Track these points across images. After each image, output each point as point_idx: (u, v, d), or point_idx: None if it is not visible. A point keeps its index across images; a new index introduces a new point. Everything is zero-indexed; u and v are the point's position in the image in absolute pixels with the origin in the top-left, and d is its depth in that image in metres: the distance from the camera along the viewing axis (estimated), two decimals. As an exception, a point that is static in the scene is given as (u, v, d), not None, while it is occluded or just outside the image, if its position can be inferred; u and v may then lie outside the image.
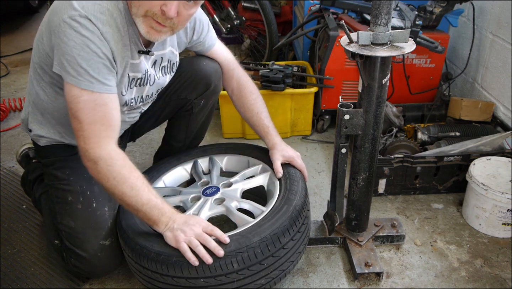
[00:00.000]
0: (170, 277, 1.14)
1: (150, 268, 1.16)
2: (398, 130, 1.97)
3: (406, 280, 1.40)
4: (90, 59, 1.07)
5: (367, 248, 1.45)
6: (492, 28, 1.99)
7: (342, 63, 2.07)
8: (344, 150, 1.32)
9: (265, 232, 1.17)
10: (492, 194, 1.48)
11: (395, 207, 1.72)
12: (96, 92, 1.09)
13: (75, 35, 1.04)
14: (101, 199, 1.33)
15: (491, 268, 1.43)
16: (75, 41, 1.04)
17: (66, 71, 1.07)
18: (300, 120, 2.19)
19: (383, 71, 1.17)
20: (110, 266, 1.38)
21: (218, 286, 1.14)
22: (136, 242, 1.21)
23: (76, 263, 1.33)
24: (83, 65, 1.06)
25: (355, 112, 1.25)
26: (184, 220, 1.16)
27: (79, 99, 1.09)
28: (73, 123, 1.12)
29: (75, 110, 1.10)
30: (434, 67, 2.12)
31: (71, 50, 1.05)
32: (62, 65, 1.07)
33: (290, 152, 1.49)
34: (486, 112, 1.93)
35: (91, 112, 1.10)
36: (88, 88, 1.08)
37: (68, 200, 1.31)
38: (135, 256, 1.20)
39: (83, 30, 1.05)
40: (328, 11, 2.15)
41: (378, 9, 1.08)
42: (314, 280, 1.40)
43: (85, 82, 1.08)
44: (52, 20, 1.08)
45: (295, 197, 1.31)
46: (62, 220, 1.32)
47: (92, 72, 1.08)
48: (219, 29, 2.88)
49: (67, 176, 1.33)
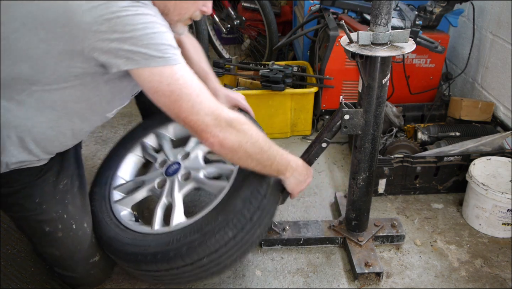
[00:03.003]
0: (175, 268, 1.13)
1: (151, 269, 1.15)
2: (398, 130, 1.97)
3: (406, 280, 1.40)
4: (165, 32, 0.97)
5: (367, 248, 1.45)
6: (492, 28, 1.99)
7: (342, 63, 2.07)
8: (324, 144, 1.30)
9: (246, 191, 1.16)
10: (492, 194, 1.48)
11: (395, 207, 1.72)
12: (183, 64, 1.00)
13: (139, 18, 0.92)
14: (78, 217, 1.24)
15: (491, 268, 1.43)
16: (143, 24, 0.92)
17: (147, 57, 0.94)
18: (300, 120, 2.19)
19: (383, 71, 1.17)
20: (105, 275, 1.39)
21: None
22: (128, 251, 1.17)
23: (70, 281, 1.34)
24: (164, 41, 0.96)
25: (355, 112, 1.25)
26: (304, 172, 1.22)
27: (177, 76, 0.97)
28: (182, 107, 0.99)
29: (178, 90, 0.97)
30: (434, 67, 2.12)
31: (144, 33, 0.92)
32: (137, 55, 0.93)
33: (233, 94, 1.47)
34: (486, 112, 1.93)
35: (194, 82, 1.00)
36: (178, 62, 0.98)
37: (46, 230, 1.19)
38: (134, 265, 1.18)
39: (145, 10, 0.93)
40: (328, 11, 2.15)
41: (378, 9, 1.08)
42: (314, 280, 1.40)
43: (174, 57, 0.97)
44: (78, 19, 0.90)
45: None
46: (45, 250, 1.24)
47: (174, 44, 0.99)
48: (219, 29, 2.88)
49: (38, 205, 1.16)
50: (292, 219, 1.67)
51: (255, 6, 2.74)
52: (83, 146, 2.14)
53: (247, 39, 3.07)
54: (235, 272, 1.43)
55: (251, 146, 1.07)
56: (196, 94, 1.00)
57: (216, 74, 2.14)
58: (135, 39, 0.92)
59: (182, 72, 0.99)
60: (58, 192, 1.19)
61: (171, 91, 0.97)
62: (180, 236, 1.14)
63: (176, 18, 1.07)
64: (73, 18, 0.90)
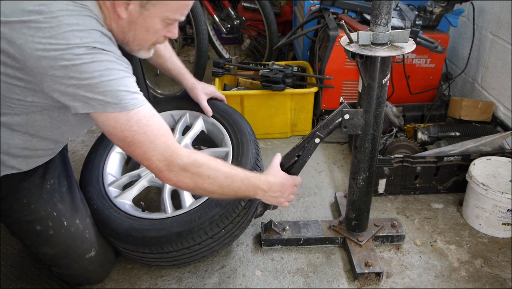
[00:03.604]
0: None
1: (175, 248, 1.25)
2: (398, 130, 1.97)
3: (406, 280, 1.40)
4: (123, 77, 0.98)
5: (367, 248, 1.45)
6: (492, 28, 1.99)
7: (342, 63, 2.07)
8: (317, 140, 1.29)
9: (247, 164, 1.36)
10: (492, 194, 1.48)
11: (395, 207, 1.72)
12: (142, 107, 1.01)
13: (95, 66, 0.93)
14: (69, 214, 1.25)
15: (491, 268, 1.43)
16: (99, 71, 0.93)
17: (103, 104, 0.96)
18: (300, 120, 2.19)
19: (383, 71, 1.17)
20: (105, 270, 1.39)
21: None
22: (149, 236, 1.25)
23: (71, 280, 1.35)
24: (121, 87, 0.96)
25: (355, 112, 1.25)
26: (278, 188, 1.24)
27: (131, 123, 0.99)
28: (135, 152, 1.03)
29: (131, 137, 1.00)
30: (434, 67, 2.12)
31: (100, 81, 0.93)
32: (94, 100, 0.95)
33: (209, 88, 1.58)
34: (486, 112, 1.93)
35: (148, 129, 1.01)
36: (136, 107, 0.99)
37: (37, 230, 1.21)
38: (157, 248, 1.25)
39: (101, 56, 0.94)
40: (328, 11, 2.15)
41: (378, 9, 1.08)
42: (314, 280, 1.40)
43: (131, 102, 0.98)
44: (33, 63, 0.91)
45: (243, 121, 1.50)
46: (39, 250, 1.25)
47: (132, 89, 0.99)
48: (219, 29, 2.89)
49: (26, 206, 1.19)
50: (292, 219, 1.67)
51: (255, 6, 2.74)
52: (84, 146, 2.14)
53: (247, 39, 3.07)
54: (235, 272, 1.43)
55: (209, 185, 1.11)
56: (149, 141, 1.01)
57: (216, 74, 2.17)
58: (91, 86, 0.93)
59: (138, 117, 1.00)
60: (45, 192, 1.21)
61: (125, 137, 1.00)
62: (201, 213, 1.27)
63: (136, 48, 1.11)
64: (29, 62, 0.91)
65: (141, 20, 1.03)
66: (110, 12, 1.01)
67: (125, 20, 1.02)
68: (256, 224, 1.63)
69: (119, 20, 1.02)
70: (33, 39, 0.89)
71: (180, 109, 1.62)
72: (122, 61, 1.01)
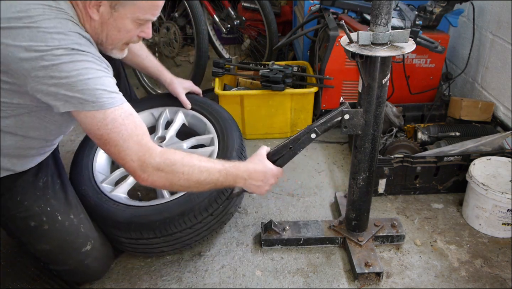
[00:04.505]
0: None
1: (179, 228, 1.33)
2: (398, 130, 1.97)
3: (406, 280, 1.40)
4: (101, 76, 1.01)
5: (367, 248, 1.45)
6: (492, 28, 1.99)
7: (342, 63, 2.07)
8: (313, 135, 1.29)
9: (234, 144, 1.48)
10: (492, 194, 1.48)
11: (395, 207, 1.72)
12: (118, 106, 1.03)
13: (74, 65, 0.97)
14: (62, 209, 1.27)
15: (491, 268, 1.43)
16: (77, 70, 0.97)
17: (82, 102, 0.99)
18: (300, 120, 2.19)
19: (383, 71, 1.17)
20: (103, 266, 1.39)
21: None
22: (153, 220, 1.31)
23: (69, 277, 1.35)
24: (99, 86, 1.00)
25: (355, 112, 1.25)
26: (260, 177, 1.23)
27: (107, 121, 1.01)
28: (110, 151, 1.05)
29: (106, 135, 1.02)
30: (434, 67, 2.12)
31: (78, 79, 0.97)
32: (73, 99, 0.98)
33: (186, 83, 1.68)
34: (486, 112, 1.93)
35: (123, 128, 1.03)
36: (113, 105, 1.02)
37: (32, 226, 1.23)
38: (162, 230, 1.31)
39: (79, 57, 0.98)
40: (328, 11, 2.15)
41: (378, 9, 1.08)
42: (314, 280, 1.40)
43: (109, 101, 1.01)
44: (16, 66, 0.95)
45: (222, 110, 1.58)
46: (36, 247, 1.27)
47: (110, 88, 1.02)
48: (219, 29, 2.88)
49: (20, 203, 1.22)
50: (292, 219, 1.67)
51: (255, 6, 2.74)
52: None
53: (247, 39, 3.07)
54: (235, 272, 1.43)
55: (185, 182, 1.11)
56: (123, 140, 1.03)
57: (216, 74, 2.17)
58: (70, 85, 0.97)
59: (114, 116, 1.02)
60: (38, 189, 1.24)
61: (101, 135, 1.03)
62: (199, 193, 1.33)
63: (110, 47, 1.14)
64: (11, 65, 0.95)
65: (112, 21, 1.06)
66: (83, 14, 1.05)
67: (97, 21, 1.06)
68: (256, 224, 1.63)
69: (91, 22, 1.06)
70: (14, 43, 0.93)
71: (160, 106, 1.69)
72: (101, 61, 1.04)
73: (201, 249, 1.53)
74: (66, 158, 1.99)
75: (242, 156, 1.50)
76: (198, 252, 1.52)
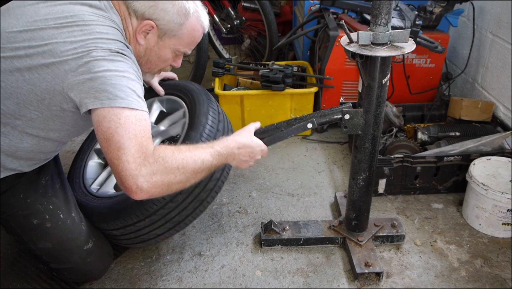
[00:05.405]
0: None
1: (174, 213, 1.30)
2: (398, 130, 1.97)
3: (406, 280, 1.40)
4: (134, 80, 1.05)
5: (367, 248, 1.45)
6: (492, 28, 1.99)
7: (342, 63, 2.07)
8: (309, 125, 1.27)
9: (202, 108, 1.44)
10: (492, 194, 1.48)
11: (395, 207, 1.72)
12: (140, 110, 1.04)
13: (113, 64, 1.01)
14: (64, 207, 1.29)
15: (491, 268, 1.43)
16: (115, 67, 1.01)
17: (112, 98, 0.99)
18: (300, 120, 2.19)
19: (383, 71, 1.17)
20: (104, 264, 1.39)
21: None
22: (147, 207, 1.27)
23: (70, 276, 1.35)
24: (130, 86, 1.02)
25: (355, 112, 1.25)
26: (247, 153, 1.24)
27: (120, 116, 1.00)
28: (110, 147, 1.00)
29: (113, 128, 0.99)
30: (434, 67, 2.12)
31: (113, 75, 1.00)
32: (104, 94, 0.99)
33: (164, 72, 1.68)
34: (486, 112, 1.93)
35: (131, 127, 1.01)
36: (135, 108, 1.02)
37: (34, 223, 1.24)
38: (153, 215, 1.28)
39: (120, 58, 1.04)
40: (328, 11, 2.15)
41: (378, 9, 1.08)
42: (314, 280, 1.40)
43: (134, 102, 1.02)
44: (61, 64, 1.01)
45: (191, 84, 1.58)
46: (37, 245, 1.27)
47: (138, 93, 1.05)
48: (219, 29, 2.89)
49: (23, 200, 1.22)
50: (292, 219, 1.67)
51: (255, 6, 2.74)
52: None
53: (247, 39, 3.07)
54: (235, 272, 1.44)
55: (183, 176, 1.07)
56: (128, 138, 1.00)
57: (216, 74, 2.17)
58: (105, 77, 1.00)
59: (129, 114, 1.01)
60: (41, 187, 1.25)
61: (108, 129, 1.00)
62: None
63: (146, 71, 1.25)
64: (56, 62, 1.01)
65: (156, 48, 1.19)
66: (131, 36, 1.15)
67: (142, 46, 1.18)
68: (256, 224, 1.63)
69: (137, 45, 1.17)
70: (65, 40, 1.01)
71: None
72: (137, 70, 1.10)
73: (201, 249, 1.53)
74: (66, 158, 2.00)
75: (212, 117, 1.43)
76: (198, 252, 1.52)
